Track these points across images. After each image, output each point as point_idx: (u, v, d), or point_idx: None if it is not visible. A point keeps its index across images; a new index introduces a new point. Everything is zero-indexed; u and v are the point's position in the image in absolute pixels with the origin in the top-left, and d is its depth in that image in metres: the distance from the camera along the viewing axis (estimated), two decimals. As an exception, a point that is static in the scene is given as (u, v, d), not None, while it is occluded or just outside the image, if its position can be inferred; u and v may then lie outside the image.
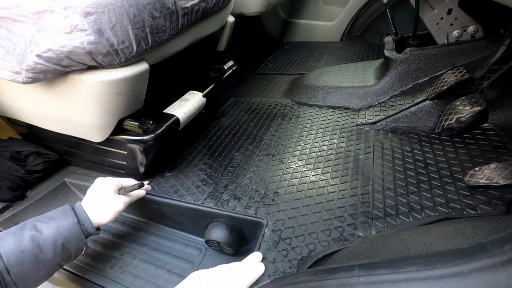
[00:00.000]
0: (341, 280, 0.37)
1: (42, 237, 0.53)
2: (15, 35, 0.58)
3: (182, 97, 0.89)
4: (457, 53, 0.90)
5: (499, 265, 0.26)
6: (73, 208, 0.59)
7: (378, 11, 1.72)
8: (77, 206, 0.61)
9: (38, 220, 0.55)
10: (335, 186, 0.73)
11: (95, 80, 0.60)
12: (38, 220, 0.55)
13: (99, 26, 0.54)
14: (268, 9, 1.32)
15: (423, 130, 0.86)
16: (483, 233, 0.37)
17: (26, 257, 0.50)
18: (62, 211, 0.58)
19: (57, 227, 0.55)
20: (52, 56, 0.54)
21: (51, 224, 0.55)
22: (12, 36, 0.59)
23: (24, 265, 0.50)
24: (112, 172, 0.85)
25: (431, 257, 0.31)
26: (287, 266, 0.57)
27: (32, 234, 0.52)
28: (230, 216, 0.69)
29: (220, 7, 0.84)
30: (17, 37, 0.58)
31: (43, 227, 0.54)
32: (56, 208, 0.59)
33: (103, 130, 0.71)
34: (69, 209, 0.58)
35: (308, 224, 0.64)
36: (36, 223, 0.55)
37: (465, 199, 0.61)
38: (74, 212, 0.58)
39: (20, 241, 0.51)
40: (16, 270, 0.49)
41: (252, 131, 1.00)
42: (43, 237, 0.53)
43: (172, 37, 0.69)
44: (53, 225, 0.55)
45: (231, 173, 0.82)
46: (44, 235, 0.53)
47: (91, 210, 0.60)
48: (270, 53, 1.75)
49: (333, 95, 1.10)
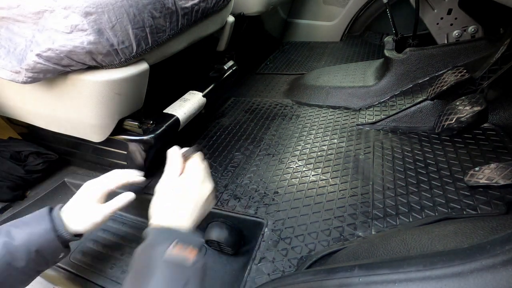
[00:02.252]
0: (341, 280, 0.37)
1: (15, 244, 0.50)
2: (16, 35, 0.58)
3: (182, 97, 0.89)
4: (457, 53, 0.90)
5: (499, 265, 0.26)
6: (50, 212, 0.56)
7: (378, 11, 1.72)
8: (55, 210, 0.56)
9: (12, 225, 0.52)
10: (335, 186, 0.73)
11: (95, 80, 0.60)
12: (13, 225, 0.52)
13: (99, 26, 0.54)
14: (268, 9, 1.32)
15: (423, 130, 0.86)
16: (483, 233, 0.37)
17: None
18: (38, 216, 0.55)
19: (30, 233, 0.51)
20: (52, 56, 0.54)
21: (24, 229, 0.51)
22: (13, 35, 0.59)
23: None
24: (112, 172, 0.85)
25: (431, 257, 0.31)
26: (287, 266, 0.57)
27: (5, 241, 0.49)
28: (230, 216, 0.69)
29: (220, 7, 0.84)
30: (18, 36, 0.58)
31: (16, 233, 0.51)
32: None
33: (103, 130, 0.71)
34: (45, 213, 0.55)
35: (308, 224, 0.64)
36: (10, 229, 0.51)
37: (465, 199, 0.61)
38: (50, 217, 0.54)
39: None
40: None
41: (252, 131, 1.00)
42: (15, 244, 0.50)
43: (172, 37, 0.69)
44: (26, 231, 0.51)
45: (231, 173, 0.82)
46: (16, 242, 0.50)
47: (68, 217, 0.56)
48: (270, 53, 1.75)
49: (333, 95, 1.10)
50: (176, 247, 0.41)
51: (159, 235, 0.44)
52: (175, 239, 0.42)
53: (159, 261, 0.39)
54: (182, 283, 0.38)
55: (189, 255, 0.42)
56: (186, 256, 0.41)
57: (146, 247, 0.42)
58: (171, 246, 0.41)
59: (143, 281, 0.38)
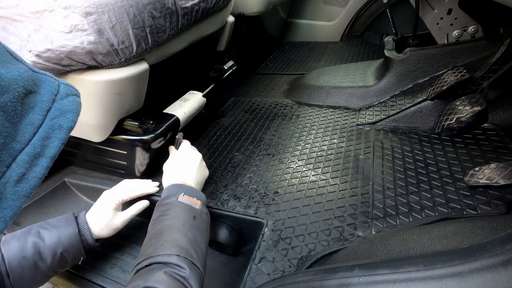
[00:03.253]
0: (341, 280, 0.37)
1: (44, 245, 0.54)
2: (11, 35, 0.58)
3: (182, 97, 0.89)
4: (457, 53, 0.90)
5: (499, 265, 0.26)
6: (76, 218, 0.60)
7: (378, 11, 1.72)
8: (81, 216, 0.61)
9: (42, 227, 0.57)
10: (335, 186, 0.73)
11: (95, 80, 0.60)
12: (42, 227, 0.57)
13: (99, 26, 0.54)
14: (268, 9, 1.32)
15: (423, 130, 0.86)
16: (483, 233, 0.37)
17: (26, 262, 0.52)
18: (65, 220, 0.59)
19: (59, 236, 0.56)
20: (51, 56, 0.54)
21: (54, 232, 0.56)
22: (7, 35, 0.58)
23: (23, 270, 0.51)
24: (112, 172, 0.85)
25: (431, 257, 0.31)
26: (287, 266, 0.57)
27: (35, 241, 0.54)
28: (230, 216, 0.69)
29: (220, 7, 0.84)
30: (12, 36, 0.58)
31: (46, 235, 0.55)
32: (55, 208, 0.60)
33: (103, 130, 0.71)
34: (72, 218, 0.59)
35: (308, 224, 0.64)
36: (40, 230, 0.56)
37: (465, 199, 0.61)
38: (76, 222, 0.59)
39: (24, 246, 0.52)
40: (16, 274, 0.50)
41: (252, 131, 1.00)
42: (44, 245, 0.54)
43: (172, 37, 0.69)
44: (55, 233, 0.56)
45: (231, 172, 0.82)
46: (46, 242, 0.54)
47: (93, 223, 0.61)
48: (270, 53, 1.75)
49: (333, 95, 1.10)
50: (185, 197, 0.57)
51: (171, 189, 0.60)
52: (183, 191, 0.58)
53: (174, 203, 0.56)
54: (192, 216, 0.55)
55: (195, 202, 0.58)
56: (193, 202, 0.57)
57: (163, 199, 0.58)
58: (181, 195, 0.57)
59: (163, 217, 0.54)
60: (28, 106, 0.24)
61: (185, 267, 0.45)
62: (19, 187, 0.22)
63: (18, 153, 0.23)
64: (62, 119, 0.26)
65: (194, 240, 0.51)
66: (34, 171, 0.24)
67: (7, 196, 0.22)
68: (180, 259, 0.46)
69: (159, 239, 0.50)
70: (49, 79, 0.26)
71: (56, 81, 0.27)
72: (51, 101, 0.25)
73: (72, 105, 0.27)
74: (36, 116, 0.24)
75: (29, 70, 0.25)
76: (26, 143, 0.23)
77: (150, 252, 0.48)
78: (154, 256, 0.47)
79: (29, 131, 0.23)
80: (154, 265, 0.46)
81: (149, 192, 0.71)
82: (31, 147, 0.23)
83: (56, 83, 0.27)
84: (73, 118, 0.27)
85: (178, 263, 0.46)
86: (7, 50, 0.24)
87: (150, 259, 0.47)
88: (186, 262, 0.46)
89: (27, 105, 0.24)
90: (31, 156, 0.23)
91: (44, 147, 0.25)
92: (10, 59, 0.23)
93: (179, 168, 0.67)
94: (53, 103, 0.26)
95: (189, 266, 0.46)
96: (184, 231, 0.51)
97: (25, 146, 0.23)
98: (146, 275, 0.44)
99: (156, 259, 0.46)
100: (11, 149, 0.22)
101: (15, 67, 0.23)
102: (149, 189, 0.72)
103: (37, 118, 0.24)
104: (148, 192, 0.71)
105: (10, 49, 0.24)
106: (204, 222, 0.56)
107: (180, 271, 0.45)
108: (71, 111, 0.27)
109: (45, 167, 0.25)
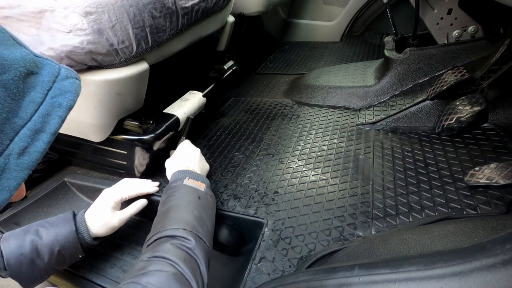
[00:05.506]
0: (341, 280, 0.37)
1: (41, 242, 0.55)
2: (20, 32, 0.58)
3: (182, 97, 0.89)
4: (457, 53, 0.90)
5: (500, 265, 0.26)
6: (75, 216, 0.61)
7: (378, 11, 1.72)
8: (79, 215, 0.62)
9: (41, 225, 0.58)
10: (335, 186, 0.73)
11: (95, 80, 0.60)
12: (41, 225, 0.58)
13: (99, 26, 0.54)
14: (268, 9, 1.32)
15: (423, 130, 0.86)
16: (483, 232, 0.37)
17: (24, 260, 0.53)
18: (63, 218, 0.60)
19: (56, 234, 0.57)
20: (52, 56, 0.54)
21: (51, 230, 0.57)
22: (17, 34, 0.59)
23: (21, 267, 0.52)
24: (112, 172, 0.85)
25: (431, 256, 0.31)
26: (287, 266, 0.57)
27: (33, 238, 0.55)
28: (230, 216, 0.69)
29: (220, 7, 0.84)
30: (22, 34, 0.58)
31: (43, 233, 0.56)
32: (55, 207, 0.60)
33: (103, 130, 0.71)
34: (70, 217, 0.60)
35: (308, 224, 0.64)
36: (39, 228, 0.57)
37: (465, 199, 0.61)
38: (74, 221, 0.60)
39: (22, 244, 0.54)
40: (14, 270, 0.52)
41: (252, 131, 1.00)
42: (42, 242, 0.55)
43: (172, 37, 0.69)
44: (53, 231, 0.57)
45: (231, 172, 0.82)
46: (43, 240, 0.55)
47: (91, 221, 0.62)
48: (270, 53, 1.75)
49: (333, 95, 1.10)
50: (190, 180, 0.61)
51: (177, 175, 0.63)
52: (188, 175, 0.62)
53: (180, 186, 0.59)
54: (197, 196, 0.58)
55: (200, 185, 0.61)
56: (198, 185, 0.61)
57: (170, 184, 0.62)
58: (186, 179, 0.61)
59: (170, 198, 0.57)
60: (30, 85, 0.25)
61: (191, 239, 0.48)
62: (22, 159, 0.24)
63: (20, 128, 0.24)
64: (61, 98, 0.28)
65: (199, 217, 0.54)
66: (36, 145, 0.26)
67: (11, 168, 0.24)
68: (186, 232, 0.50)
69: (166, 216, 0.53)
70: (50, 63, 0.28)
71: (57, 65, 0.29)
72: (51, 81, 0.27)
73: (71, 86, 0.29)
74: (37, 95, 0.26)
75: (31, 53, 0.26)
76: (28, 119, 0.25)
77: (158, 228, 0.51)
78: (161, 231, 0.50)
79: (31, 108, 0.25)
80: (162, 238, 0.49)
81: (148, 192, 0.71)
82: (33, 123, 0.25)
83: (57, 67, 0.28)
84: (72, 97, 0.29)
85: (184, 235, 0.49)
86: (10, 36, 0.26)
87: (158, 234, 0.50)
88: (192, 235, 0.49)
89: (28, 84, 0.25)
90: (32, 131, 0.25)
91: (44, 123, 0.26)
92: (13, 43, 0.25)
93: (182, 160, 0.70)
94: (54, 84, 0.27)
95: (195, 239, 0.49)
96: (190, 209, 0.54)
97: (27, 121, 0.25)
98: (154, 248, 0.47)
99: (164, 233, 0.50)
100: (14, 124, 0.24)
101: (18, 50, 0.25)
102: (148, 188, 0.72)
103: (38, 96, 0.26)
104: (148, 192, 0.71)
105: (14, 35, 0.26)
106: (208, 202, 0.60)
107: (186, 243, 0.48)
108: (70, 91, 0.28)
109: (46, 142, 0.26)
